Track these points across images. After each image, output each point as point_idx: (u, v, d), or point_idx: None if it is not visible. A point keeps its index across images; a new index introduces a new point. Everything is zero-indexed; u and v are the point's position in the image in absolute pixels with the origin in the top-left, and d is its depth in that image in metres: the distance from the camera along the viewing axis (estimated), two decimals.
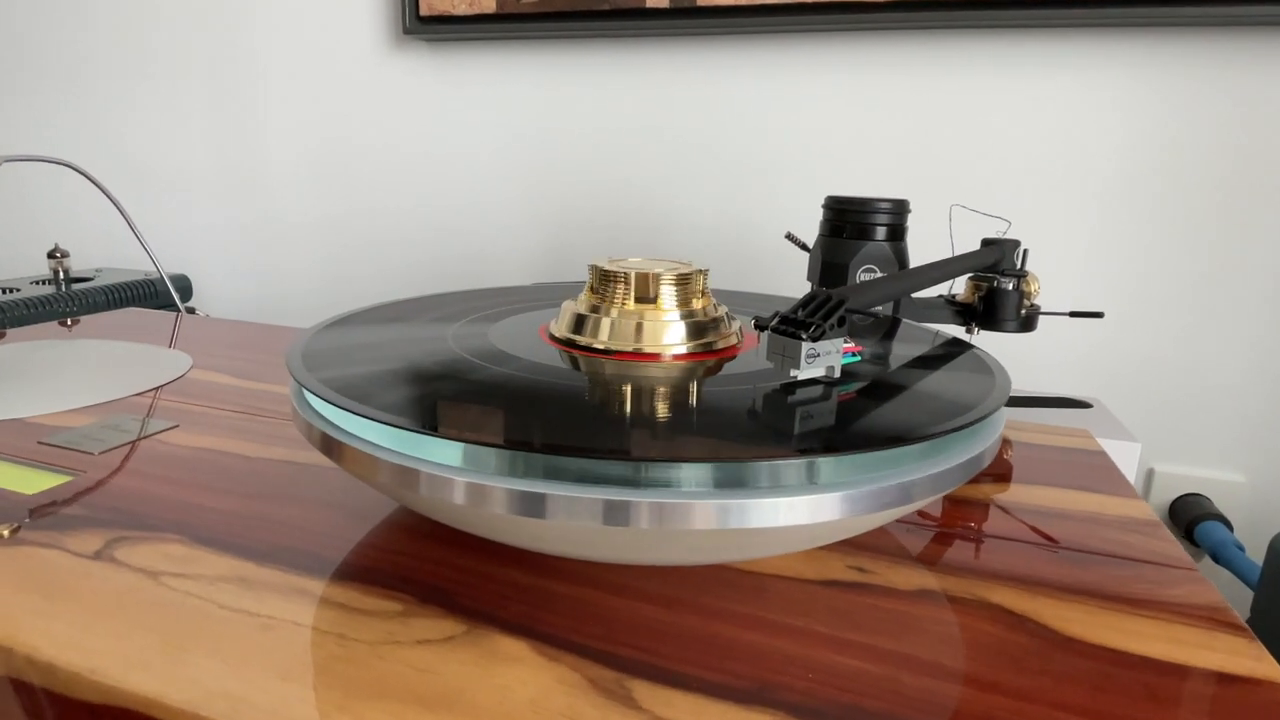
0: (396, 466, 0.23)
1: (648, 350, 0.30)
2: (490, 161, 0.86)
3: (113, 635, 0.22)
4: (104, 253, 1.07)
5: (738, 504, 0.21)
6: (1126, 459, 0.45)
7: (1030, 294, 0.45)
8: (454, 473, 0.22)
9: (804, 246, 0.52)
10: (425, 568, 0.26)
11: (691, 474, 0.21)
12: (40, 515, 0.29)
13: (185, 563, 0.26)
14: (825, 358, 0.25)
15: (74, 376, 0.46)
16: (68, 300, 0.73)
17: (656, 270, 0.31)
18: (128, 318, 0.64)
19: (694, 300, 0.31)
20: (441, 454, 0.23)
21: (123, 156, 1.03)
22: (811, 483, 0.22)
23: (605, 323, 0.31)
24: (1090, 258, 0.69)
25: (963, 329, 0.46)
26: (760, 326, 0.26)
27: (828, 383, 0.26)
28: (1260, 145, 0.62)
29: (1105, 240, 0.69)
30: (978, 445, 0.25)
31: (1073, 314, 0.42)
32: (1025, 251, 0.45)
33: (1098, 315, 0.41)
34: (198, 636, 0.22)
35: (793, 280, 0.77)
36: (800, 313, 0.26)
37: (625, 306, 0.31)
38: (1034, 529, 0.31)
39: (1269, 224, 0.63)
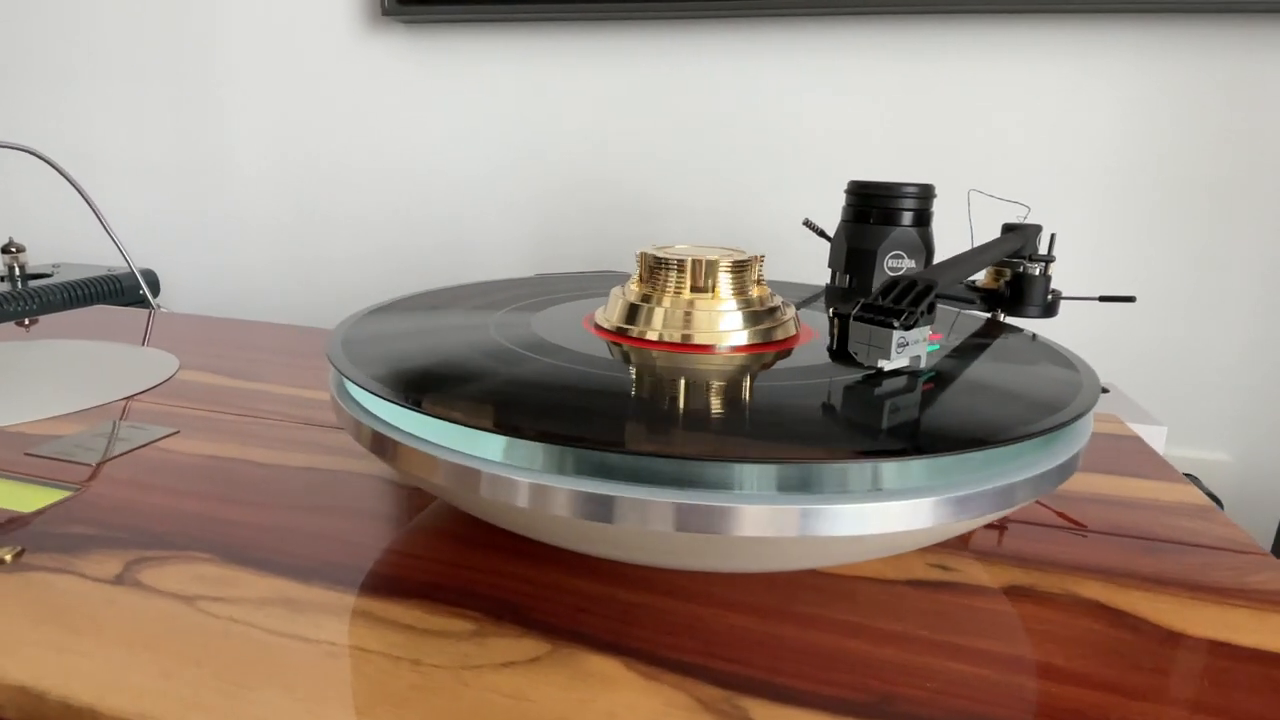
0: (458, 467, 0.21)
1: (703, 341, 0.28)
2: (474, 150, 0.83)
3: (157, 672, 0.19)
4: (56, 248, 1.01)
5: (835, 509, 0.19)
6: (1153, 443, 0.45)
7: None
8: (521, 474, 0.20)
9: (822, 234, 0.50)
10: (487, 580, 0.24)
11: (793, 476, 0.20)
12: (44, 536, 0.26)
13: (221, 584, 0.23)
14: (913, 347, 0.24)
15: (52, 380, 0.42)
16: (25, 298, 0.68)
17: (712, 257, 0.29)
18: (94, 316, 0.60)
19: (751, 288, 0.30)
20: (505, 453, 0.21)
21: (72, 147, 0.97)
22: (913, 485, 0.20)
23: (659, 313, 0.29)
24: (1085, 246, 0.70)
25: (986, 315, 0.45)
26: (840, 315, 0.25)
27: (913, 373, 0.25)
28: (1252, 134, 0.63)
29: (1098, 228, 0.69)
30: (1075, 443, 0.24)
31: (1102, 298, 0.42)
32: (1053, 236, 0.45)
33: (1129, 299, 0.41)
34: (255, 668, 0.20)
35: (788, 269, 0.76)
36: (885, 299, 0.24)
37: (681, 295, 0.29)
38: (1060, 514, 0.30)
39: (1260, 212, 0.65)
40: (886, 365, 0.24)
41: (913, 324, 0.23)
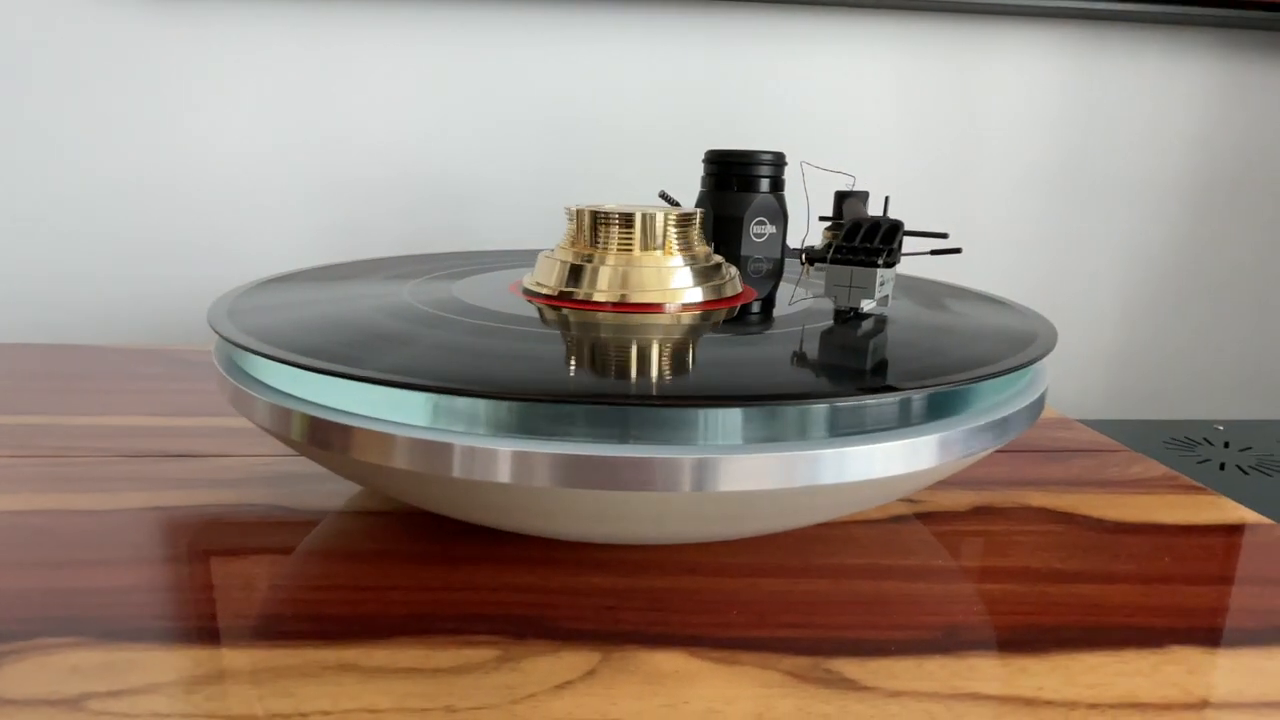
0: (430, 444, 0.18)
1: (656, 300, 0.26)
2: (242, 138, 0.71)
3: None
4: None
5: (859, 450, 0.18)
6: None
7: None
8: (520, 443, 0.17)
9: (678, 206, 0.50)
10: (476, 596, 0.20)
11: (816, 419, 0.19)
12: None
13: (115, 672, 0.17)
14: (886, 286, 0.24)
15: None
16: None
17: (657, 211, 0.27)
18: None
19: (696, 245, 0.28)
20: (472, 424, 0.18)
21: None
22: (914, 423, 0.20)
23: (604, 272, 0.26)
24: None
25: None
26: (814, 259, 0.24)
27: (880, 315, 0.25)
28: (984, 116, 0.75)
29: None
30: (1043, 380, 0.25)
31: (933, 252, 0.47)
32: (887, 199, 0.49)
33: (956, 251, 0.45)
34: None
35: None
36: (857, 241, 0.24)
37: (631, 253, 0.26)
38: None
39: (999, 177, 0.77)
40: (868, 306, 0.24)
41: (894, 262, 0.24)
